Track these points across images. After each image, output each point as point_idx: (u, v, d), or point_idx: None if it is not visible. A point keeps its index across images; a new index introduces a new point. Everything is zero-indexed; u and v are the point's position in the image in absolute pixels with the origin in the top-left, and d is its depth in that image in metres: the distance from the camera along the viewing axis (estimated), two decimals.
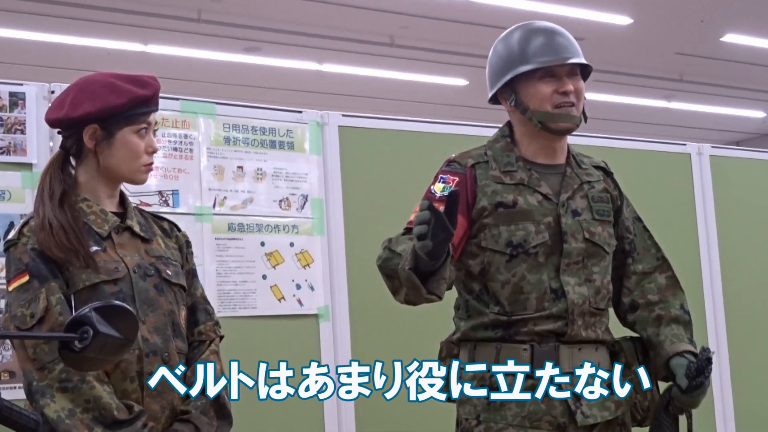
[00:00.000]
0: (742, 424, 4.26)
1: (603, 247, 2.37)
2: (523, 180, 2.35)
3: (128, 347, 1.56)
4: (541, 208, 2.33)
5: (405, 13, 9.70)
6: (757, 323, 4.44)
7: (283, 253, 3.33)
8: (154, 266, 2.18)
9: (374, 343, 3.38)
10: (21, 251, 2.07)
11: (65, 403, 1.96)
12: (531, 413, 2.25)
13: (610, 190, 2.47)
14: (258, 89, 11.64)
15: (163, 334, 2.14)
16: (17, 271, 2.06)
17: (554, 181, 2.38)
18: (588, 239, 2.35)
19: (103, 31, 9.63)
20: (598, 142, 4.20)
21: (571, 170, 2.41)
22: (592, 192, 2.40)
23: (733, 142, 15.86)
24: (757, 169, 4.61)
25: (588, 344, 2.33)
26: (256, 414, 3.07)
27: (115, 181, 2.21)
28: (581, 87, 2.38)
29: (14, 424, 1.47)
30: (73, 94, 2.15)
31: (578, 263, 2.33)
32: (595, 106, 13.61)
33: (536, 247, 2.30)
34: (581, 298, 2.31)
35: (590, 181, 2.42)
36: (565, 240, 2.31)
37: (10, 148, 2.91)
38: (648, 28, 10.55)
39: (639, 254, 2.47)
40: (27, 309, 2.01)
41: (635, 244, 2.47)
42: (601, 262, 2.38)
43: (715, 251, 4.32)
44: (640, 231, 2.50)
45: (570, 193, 2.37)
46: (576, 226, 2.34)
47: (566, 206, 2.35)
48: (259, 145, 3.37)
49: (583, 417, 2.26)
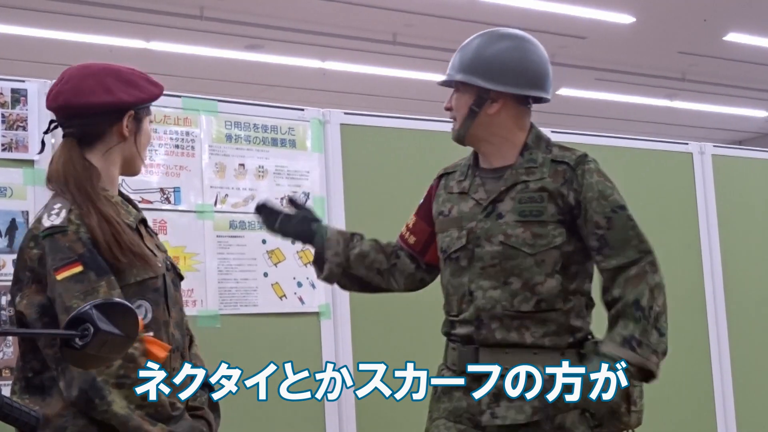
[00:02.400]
0: (742, 423, 4.26)
1: (521, 249, 2.34)
2: (465, 188, 2.47)
3: (129, 344, 1.55)
4: (470, 213, 2.42)
5: (408, 11, 9.70)
6: (758, 322, 4.44)
7: (285, 251, 3.33)
8: (168, 260, 2.19)
9: (375, 340, 3.38)
10: (72, 239, 1.97)
11: (122, 400, 1.92)
12: (455, 408, 2.38)
13: (553, 187, 2.37)
14: (260, 87, 11.65)
15: (181, 329, 2.17)
16: (67, 260, 1.95)
17: (493, 184, 2.43)
18: (503, 242, 2.35)
19: (105, 28, 9.64)
20: (599, 140, 4.20)
21: (512, 171, 2.42)
22: (524, 192, 2.38)
23: (736, 141, 15.85)
24: (759, 168, 4.61)
25: (519, 348, 2.33)
26: (257, 414, 3.08)
27: (127, 168, 2.19)
28: (458, 104, 2.47)
29: (15, 420, 1.47)
30: (102, 80, 2.09)
31: (494, 266, 2.36)
32: (598, 105, 13.64)
33: (457, 252, 2.42)
34: (491, 302, 2.35)
35: (527, 180, 2.39)
36: (478, 244, 2.38)
37: (12, 144, 2.91)
38: (651, 27, 10.54)
39: (614, 248, 2.34)
40: (83, 301, 1.84)
41: (607, 238, 2.34)
42: (523, 264, 2.34)
43: (716, 250, 4.32)
44: (621, 223, 2.36)
45: (497, 195, 2.40)
46: (495, 229, 2.37)
47: (490, 209, 2.39)
48: (261, 143, 3.37)
49: (490, 417, 2.31)
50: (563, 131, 4.14)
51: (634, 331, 2.28)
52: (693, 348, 4.20)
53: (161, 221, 3.12)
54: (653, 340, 2.30)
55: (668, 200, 4.26)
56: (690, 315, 4.22)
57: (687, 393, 4.15)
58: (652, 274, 2.34)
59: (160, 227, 3.11)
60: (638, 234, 2.37)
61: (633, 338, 2.27)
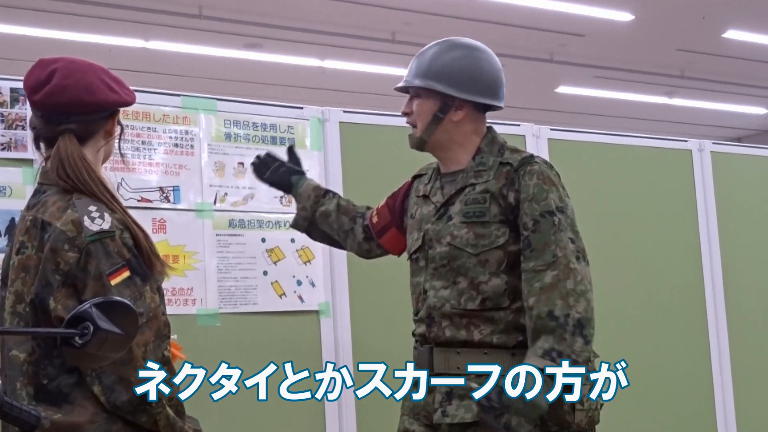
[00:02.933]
0: (742, 423, 4.26)
1: (465, 249, 2.41)
2: (427, 191, 2.57)
3: (129, 343, 1.56)
4: (427, 216, 2.52)
5: (407, 9, 9.69)
6: (758, 320, 4.44)
7: (284, 249, 3.33)
8: None
9: (375, 339, 3.38)
10: (119, 245, 1.98)
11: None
12: (414, 406, 2.48)
13: (496, 188, 2.40)
14: (259, 85, 11.65)
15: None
16: (118, 266, 1.96)
17: (448, 188, 2.52)
18: (450, 243, 2.43)
19: (104, 28, 9.63)
20: (598, 138, 4.20)
21: (464, 175, 2.49)
22: (469, 194, 2.45)
23: (735, 138, 15.86)
24: (758, 165, 4.61)
25: (469, 347, 2.38)
26: (257, 414, 3.08)
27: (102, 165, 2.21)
28: (418, 109, 2.53)
29: (15, 420, 1.47)
30: (107, 78, 2.12)
31: (445, 266, 2.44)
32: (596, 103, 13.64)
33: (416, 253, 2.53)
34: (441, 300, 2.43)
35: (474, 183, 2.46)
36: (430, 246, 2.48)
37: (11, 144, 2.91)
38: (649, 25, 10.54)
39: (534, 251, 2.33)
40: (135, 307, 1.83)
41: (530, 240, 2.34)
42: (468, 264, 2.40)
43: (716, 248, 4.32)
44: (546, 227, 2.34)
45: (447, 198, 2.49)
46: (444, 231, 2.45)
47: (442, 212, 2.49)
48: (260, 141, 3.37)
49: (441, 416, 2.38)
50: (562, 129, 4.14)
51: (553, 342, 2.25)
52: (692, 346, 4.20)
53: (160, 220, 3.12)
54: (576, 348, 2.25)
55: (667, 197, 4.25)
56: (689, 313, 4.22)
57: (686, 390, 4.15)
58: (565, 281, 2.29)
59: (159, 226, 3.11)
60: (558, 240, 2.33)
61: (553, 350, 2.24)
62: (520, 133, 3.87)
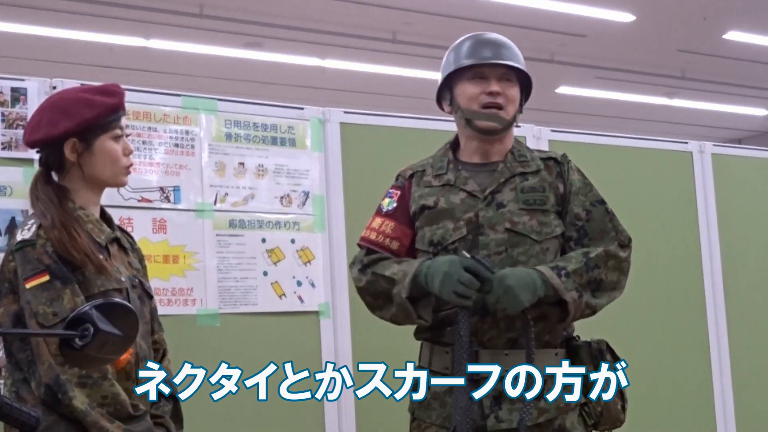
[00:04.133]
0: (742, 422, 4.26)
1: (529, 236, 2.39)
2: (450, 180, 2.47)
3: (129, 345, 1.57)
4: (463, 205, 2.42)
5: (407, 9, 9.69)
6: (758, 320, 4.44)
7: (284, 250, 3.33)
8: (137, 278, 2.32)
9: (375, 340, 3.37)
10: (40, 252, 2.13)
11: (83, 397, 2.06)
12: (451, 415, 2.32)
13: (550, 179, 2.46)
14: (259, 85, 11.64)
15: (147, 341, 2.30)
16: (36, 271, 2.12)
17: (483, 177, 2.46)
18: (509, 229, 2.38)
19: (104, 26, 9.63)
20: (599, 139, 4.20)
21: (504, 165, 2.47)
22: (524, 183, 2.44)
23: (735, 139, 15.85)
24: (758, 167, 4.61)
25: (517, 349, 2.32)
26: (257, 414, 3.08)
27: (99, 187, 2.32)
28: (512, 93, 2.49)
29: (14, 420, 1.47)
30: (48, 115, 2.26)
31: (500, 254, 2.37)
32: (597, 104, 13.63)
33: (455, 243, 2.40)
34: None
35: (525, 172, 2.46)
36: (481, 232, 2.38)
37: (12, 143, 2.91)
38: (650, 26, 10.54)
39: (593, 239, 2.43)
40: (49, 307, 2.08)
41: (587, 229, 2.43)
42: (530, 251, 2.38)
43: (716, 249, 4.32)
44: (599, 215, 2.45)
45: (495, 186, 2.43)
46: (498, 218, 2.39)
47: (490, 200, 2.42)
48: (261, 142, 3.36)
49: (495, 421, 2.30)
50: (562, 130, 4.14)
51: (569, 265, 2.32)
52: (692, 346, 4.20)
53: (161, 220, 3.12)
54: (583, 282, 2.31)
55: (668, 199, 4.25)
56: (689, 314, 4.22)
57: (686, 391, 4.15)
58: (617, 249, 2.40)
59: (159, 226, 3.11)
60: (616, 225, 2.46)
61: (564, 269, 2.31)
62: (521, 134, 3.86)
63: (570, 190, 2.46)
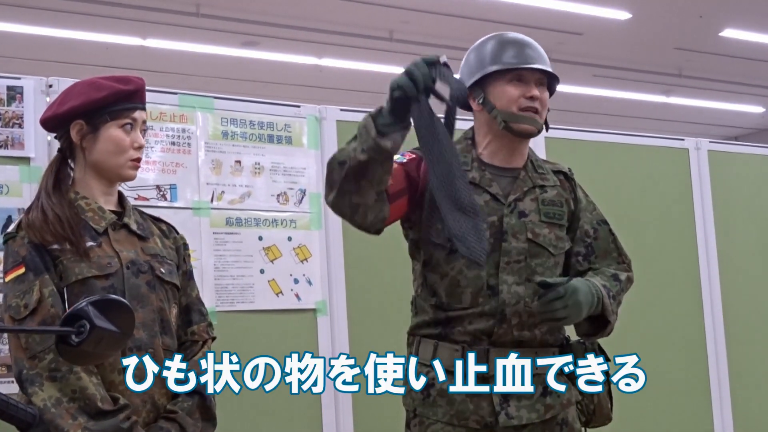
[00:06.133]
0: (739, 419, 4.26)
1: (547, 249, 2.41)
2: (475, 179, 2.41)
3: (125, 341, 1.56)
4: (487, 207, 2.39)
5: (404, 7, 9.69)
6: (755, 319, 4.44)
7: (281, 248, 3.33)
8: (148, 263, 2.26)
9: (372, 337, 3.37)
10: (19, 244, 2.16)
11: (53, 392, 2.04)
12: (459, 412, 2.32)
13: (565, 195, 2.50)
14: (256, 83, 11.64)
15: (150, 330, 2.21)
16: (14, 264, 2.14)
17: (506, 182, 2.44)
18: (531, 239, 2.39)
19: (101, 25, 9.63)
20: (596, 137, 4.20)
21: (526, 173, 2.47)
22: (544, 195, 2.45)
23: (732, 137, 15.87)
24: (755, 164, 4.61)
25: (526, 349, 2.33)
26: (254, 410, 3.08)
27: (104, 176, 2.28)
28: (546, 98, 2.47)
29: (11, 418, 1.46)
30: (62, 96, 2.28)
31: (519, 262, 2.37)
32: (594, 101, 13.64)
33: None
34: (515, 297, 2.35)
35: (544, 185, 2.47)
36: (505, 239, 2.37)
37: (8, 142, 2.91)
38: (647, 23, 10.55)
39: (598, 257, 2.51)
40: (21, 300, 2.10)
41: (594, 247, 2.50)
42: (546, 263, 2.40)
43: (713, 246, 4.32)
44: (604, 234, 2.52)
45: (519, 194, 2.43)
46: (520, 226, 2.39)
47: (513, 207, 2.41)
48: (257, 140, 3.36)
49: (506, 418, 2.31)
50: (560, 127, 4.14)
51: (612, 287, 2.41)
52: (689, 345, 4.20)
53: None
54: (614, 308, 2.41)
55: (664, 196, 4.26)
56: (686, 312, 4.22)
57: (683, 391, 4.15)
58: (631, 275, 2.53)
59: None
60: (619, 247, 2.55)
61: (611, 291, 2.40)
62: None
63: (578, 206, 2.51)
